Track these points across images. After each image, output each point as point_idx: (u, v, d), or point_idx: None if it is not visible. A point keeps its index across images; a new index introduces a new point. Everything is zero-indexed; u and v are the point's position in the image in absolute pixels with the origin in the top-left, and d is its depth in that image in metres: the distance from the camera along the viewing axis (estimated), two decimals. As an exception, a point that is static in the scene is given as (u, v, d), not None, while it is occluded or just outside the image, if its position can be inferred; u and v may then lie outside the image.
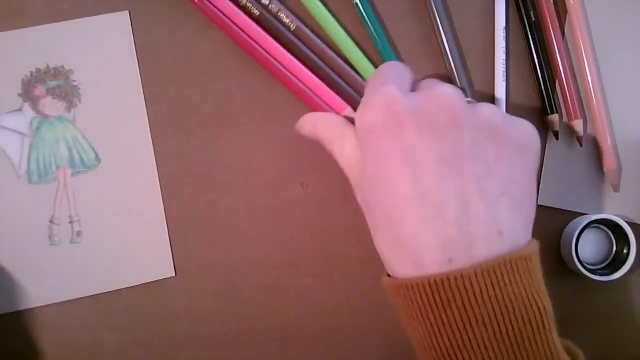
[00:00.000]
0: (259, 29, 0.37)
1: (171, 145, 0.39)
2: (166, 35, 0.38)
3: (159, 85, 0.39)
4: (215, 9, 0.37)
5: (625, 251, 0.38)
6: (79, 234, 0.38)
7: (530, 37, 0.39)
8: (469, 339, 0.25)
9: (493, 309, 0.25)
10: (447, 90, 0.28)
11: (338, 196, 0.39)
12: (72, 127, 0.38)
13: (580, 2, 0.39)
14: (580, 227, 0.38)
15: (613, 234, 0.40)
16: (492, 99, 0.40)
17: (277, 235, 0.39)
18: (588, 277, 0.38)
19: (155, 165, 0.38)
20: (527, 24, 0.39)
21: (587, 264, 0.40)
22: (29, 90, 0.38)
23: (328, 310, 0.39)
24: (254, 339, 0.39)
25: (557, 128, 0.39)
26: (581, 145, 0.39)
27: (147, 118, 0.38)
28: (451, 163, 0.27)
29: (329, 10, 0.38)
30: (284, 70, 0.38)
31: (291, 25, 0.38)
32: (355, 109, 0.38)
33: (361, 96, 0.38)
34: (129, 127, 0.38)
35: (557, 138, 0.39)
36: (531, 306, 0.26)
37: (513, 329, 0.25)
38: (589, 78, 0.39)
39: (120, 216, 0.38)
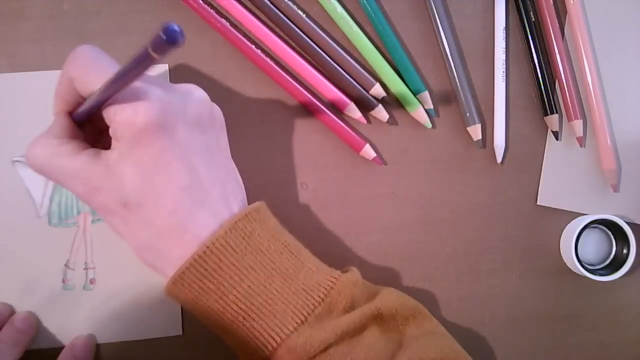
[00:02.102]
0: (258, 23, 0.37)
1: (171, 145, 0.39)
2: (166, 36, 0.38)
3: (159, 86, 0.39)
4: (209, 10, 0.37)
5: (625, 251, 0.38)
6: (92, 281, 0.38)
7: (530, 38, 0.39)
8: (251, 286, 0.30)
9: (253, 255, 0.30)
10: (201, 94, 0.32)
11: (338, 196, 0.39)
12: None
13: (580, 2, 0.39)
14: (580, 227, 0.38)
15: (613, 234, 0.40)
16: (492, 99, 0.40)
17: (277, 235, 0.39)
18: (588, 277, 0.38)
19: None
20: (527, 24, 0.39)
21: (587, 264, 0.40)
22: None
23: (328, 310, 0.39)
24: (254, 339, 0.39)
25: (556, 128, 0.39)
26: (581, 146, 0.39)
27: None
28: (212, 152, 0.32)
29: (344, 7, 0.38)
30: (280, 71, 0.38)
31: (293, 15, 0.38)
32: (359, 105, 0.38)
33: (367, 91, 0.38)
34: None
35: (557, 138, 0.39)
36: (277, 242, 0.32)
37: (275, 264, 0.31)
38: (589, 78, 0.39)
39: (135, 269, 0.38)
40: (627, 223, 0.38)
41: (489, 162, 0.40)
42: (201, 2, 0.37)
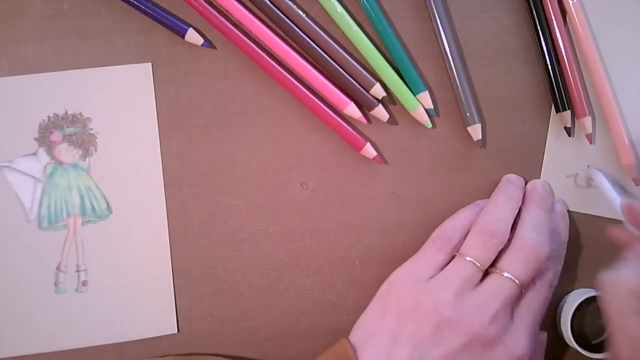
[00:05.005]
0: (258, 23, 0.37)
1: (171, 145, 0.39)
2: (166, 36, 0.38)
3: (159, 85, 0.38)
4: (211, 10, 0.37)
5: None
6: (84, 283, 0.38)
7: (541, 33, 0.38)
8: None
9: None
10: None
11: (338, 196, 0.39)
12: (86, 176, 0.38)
13: (580, 2, 0.39)
14: (578, 302, 0.37)
15: None
16: (492, 99, 0.40)
17: (277, 235, 0.39)
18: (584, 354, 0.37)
19: (166, 221, 0.38)
20: (537, 21, 0.38)
21: (587, 336, 0.38)
22: (45, 135, 0.38)
23: (328, 310, 0.39)
24: (254, 339, 0.39)
25: (569, 125, 0.39)
26: (591, 143, 0.39)
27: (162, 173, 0.38)
28: None
29: (344, 7, 0.38)
30: (281, 71, 0.38)
31: (293, 15, 0.38)
32: (359, 104, 0.38)
33: (367, 91, 0.38)
34: (143, 180, 0.38)
35: (570, 135, 0.39)
36: None
37: None
38: (598, 75, 0.38)
39: (127, 269, 0.38)
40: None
41: (489, 162, 0.40)
42: (202, 1, 0.37)
